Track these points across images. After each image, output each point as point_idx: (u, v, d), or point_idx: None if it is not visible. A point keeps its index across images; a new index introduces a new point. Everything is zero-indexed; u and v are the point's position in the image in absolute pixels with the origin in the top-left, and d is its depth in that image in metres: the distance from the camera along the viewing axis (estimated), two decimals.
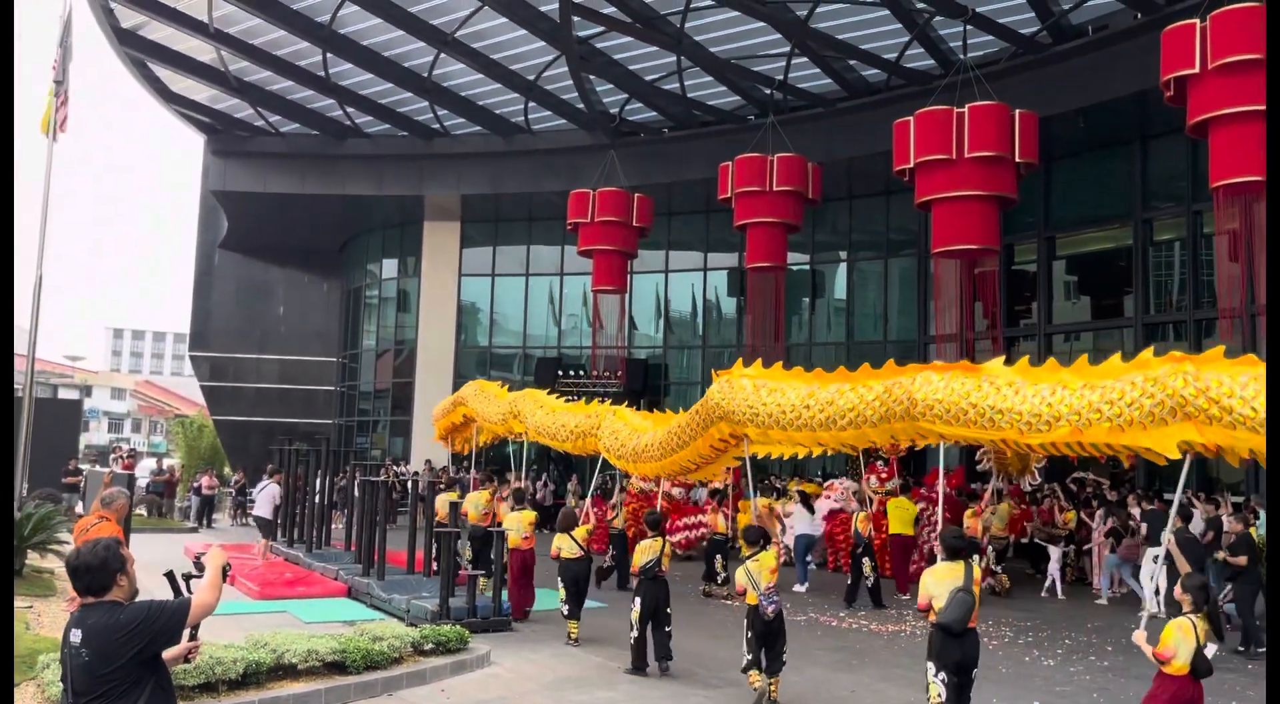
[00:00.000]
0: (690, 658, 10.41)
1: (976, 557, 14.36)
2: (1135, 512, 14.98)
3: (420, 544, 14.09)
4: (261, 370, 34.10)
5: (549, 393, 17.52)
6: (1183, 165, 18.42)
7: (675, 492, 19.02)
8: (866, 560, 14.24)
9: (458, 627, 10.26)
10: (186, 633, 3.98)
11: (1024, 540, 16.47)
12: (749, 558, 8.80)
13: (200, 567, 4.19)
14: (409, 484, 17.66)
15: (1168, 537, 9.12)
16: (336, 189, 27.54)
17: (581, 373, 25.68)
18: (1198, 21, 13.00)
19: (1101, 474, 18.12)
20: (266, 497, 17.16)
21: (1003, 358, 10.63)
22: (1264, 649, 10.92)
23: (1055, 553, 15.55)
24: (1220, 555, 12.02)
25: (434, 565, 13.13)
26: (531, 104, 23.80)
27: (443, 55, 21.59)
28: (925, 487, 16.79)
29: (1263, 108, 12.65)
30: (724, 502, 16.87)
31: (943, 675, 6.73)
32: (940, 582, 6.88)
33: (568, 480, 24.78)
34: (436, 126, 25.79)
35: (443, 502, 13.38)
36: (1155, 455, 9.16)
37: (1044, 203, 20.86)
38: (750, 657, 8.62)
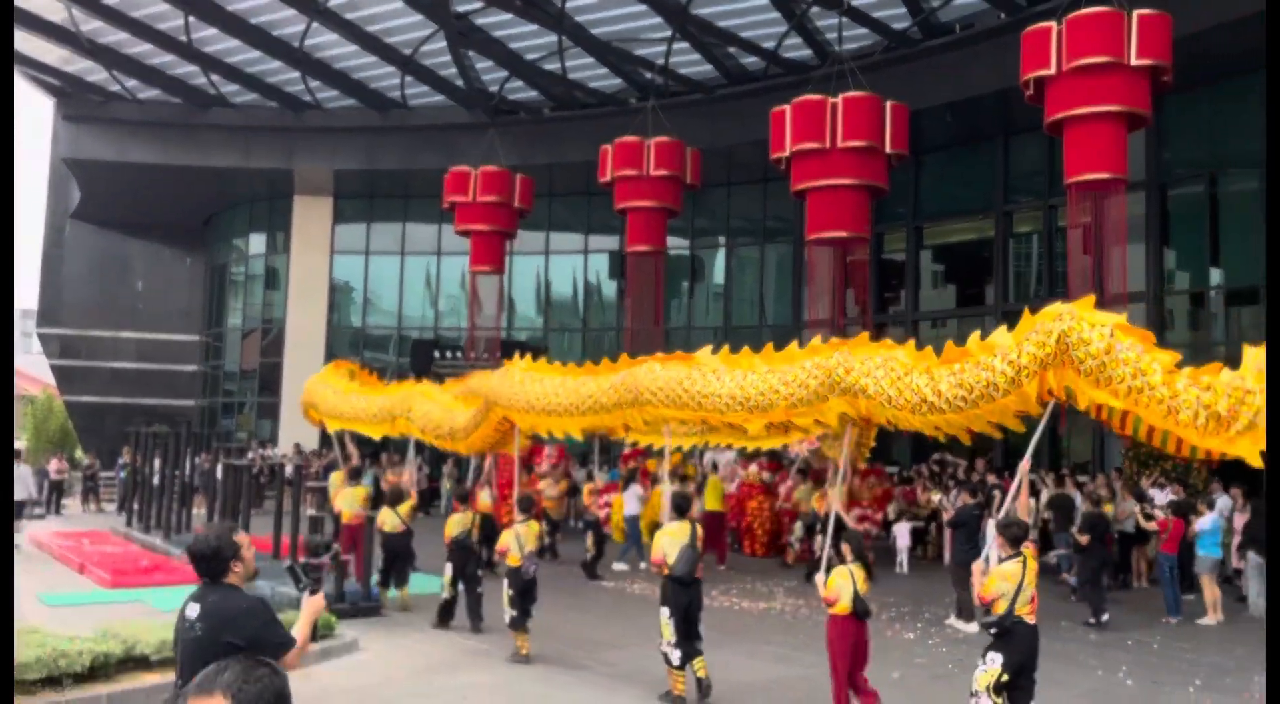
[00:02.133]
0: (564, 640, 10.42)
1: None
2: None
3: (286, 529, 13.67)
4: (118, 348, 32.37)
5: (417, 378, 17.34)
6: (1041, 161, 19.31)
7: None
8: (819, 537, 14.65)
9: (325, 613, 9.98)
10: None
11: (891, 519, 17.10)
12: (520, 523, 9.81)
13: (316, 551, 4.35)
14: (274, 468, 17.14)
15: (835, 507, 10.47)
16: (200, 160, 26.29)
17: (458, 355, 25.29)
18: (1054, 24, 13.59)
19: (960, 455, 18.90)
20: (21, 478, 17.22)
21: (710, 347, 11.59)
22: (1105, 617, 11.64)
23: (904, 530, 16.27)
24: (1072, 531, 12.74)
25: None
26: (408, 78, 23.21)
27: (315, 24, 20.82)
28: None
29: (1113, 109, 13.39)
30: (701, 488, 16.93)
31: (675, 618, 8.06)
32: (674, 541, 8.18)
33: (442, 464, 24.42)
34: (308, 98, 24.90)
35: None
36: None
37: (913, 194, 21.56)
38: (516, 613, 9.49)
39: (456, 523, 11.00)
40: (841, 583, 7.33)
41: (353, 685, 8.55)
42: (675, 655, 8.09)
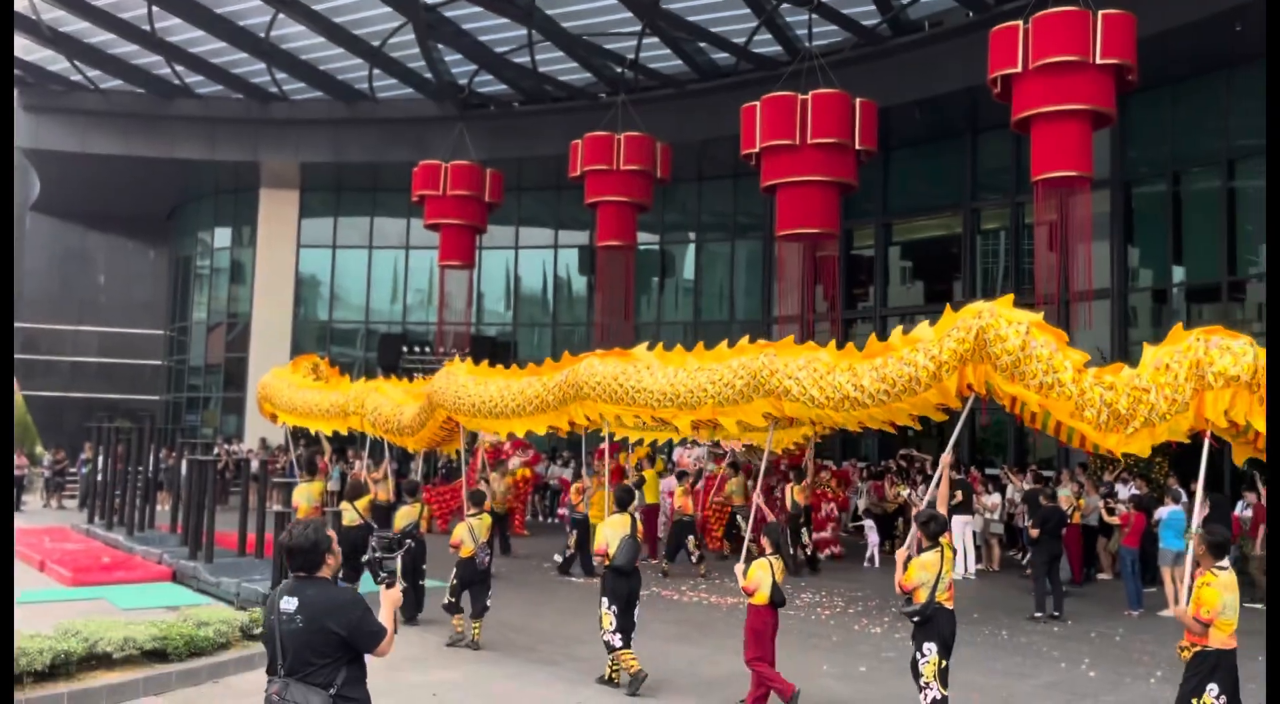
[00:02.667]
0: (534, 635, 10.42)
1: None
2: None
3: (252, 526, 13.52)
4: (79, 343, 31.89)
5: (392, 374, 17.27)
6: (1008, 159, 19.49)
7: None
8: (804, 530, 14.74)
9: None
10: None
11: (860, 513, 17.23)
12: (473, 517, 10.11)
13: (390, 547, 4.76)
14: (240, 463, 16.99)
15: (757, 501, 10.91)
16: (164, 152, 25.89)
17: (427, 350, 25.13)
18: (1021, 23, 13.72)
19: (927, 450, 19.07)
20: None
21: (647, 343, 11.68)
22: (1058, 613, 11.80)
23: (872, 525, 16.41)
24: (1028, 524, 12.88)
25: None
26: (376, 71, 23.00)
27: (281, 15, 20.57)
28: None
29: (1078, 107, 13.53)
30: (695, 484, 16.91)
31: (615, 607, 8.38)
32: (615, 533, 8.58)
33: (410, 461, 24.26)
34: (274, 90, 24.61)
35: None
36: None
37: (881, 190, 21.67)
38: (453, 600, 9.94)
39: (404, 515, 11.31)
40: (761, 575, 7.62)
41: None
42: (617, 639, 8.38)
